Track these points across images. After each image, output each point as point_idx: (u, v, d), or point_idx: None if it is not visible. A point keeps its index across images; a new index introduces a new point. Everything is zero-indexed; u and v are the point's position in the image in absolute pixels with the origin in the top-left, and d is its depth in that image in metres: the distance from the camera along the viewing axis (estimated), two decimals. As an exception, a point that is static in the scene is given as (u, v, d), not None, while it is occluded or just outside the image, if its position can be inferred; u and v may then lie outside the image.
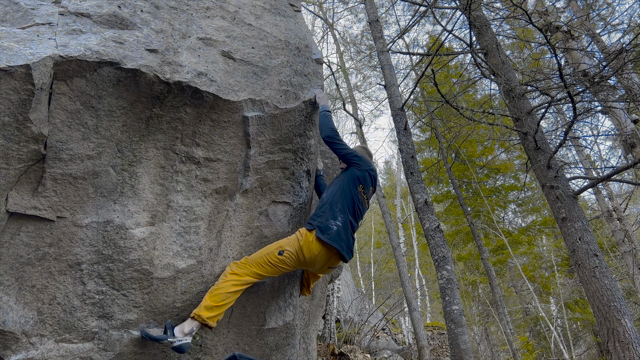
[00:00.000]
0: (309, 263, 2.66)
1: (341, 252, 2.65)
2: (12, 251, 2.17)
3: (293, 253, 2.61)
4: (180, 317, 2.60)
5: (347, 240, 2.70)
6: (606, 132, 9.26)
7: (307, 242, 2.61)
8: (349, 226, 2.75)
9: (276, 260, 2.60)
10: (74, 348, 2.29)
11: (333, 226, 2.66)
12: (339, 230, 2.67)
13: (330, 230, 2.64)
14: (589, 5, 7.93)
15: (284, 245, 2.65)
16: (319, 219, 2.70)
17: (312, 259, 2.63)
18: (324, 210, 2.75)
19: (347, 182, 2.88)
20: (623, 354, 3.96)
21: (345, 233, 2.70)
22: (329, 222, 2.68)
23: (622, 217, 9.42)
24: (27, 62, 1.95)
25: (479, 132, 11.01)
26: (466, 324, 4.80)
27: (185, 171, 2.59)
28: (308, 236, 2.63)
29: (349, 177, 2.91)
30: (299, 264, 2.67)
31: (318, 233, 2.62)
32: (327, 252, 2.64)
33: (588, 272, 4.40)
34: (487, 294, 12.80)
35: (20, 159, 2.08)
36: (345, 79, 12.22)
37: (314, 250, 2.60)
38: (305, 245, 2.61)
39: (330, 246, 2.62)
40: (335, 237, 2.63)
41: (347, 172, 2.96)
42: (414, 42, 15.97)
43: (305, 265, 2.71)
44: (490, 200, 11.76)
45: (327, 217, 2.70)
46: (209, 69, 2.56)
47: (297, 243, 2.64)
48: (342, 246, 2.65)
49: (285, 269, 2.65)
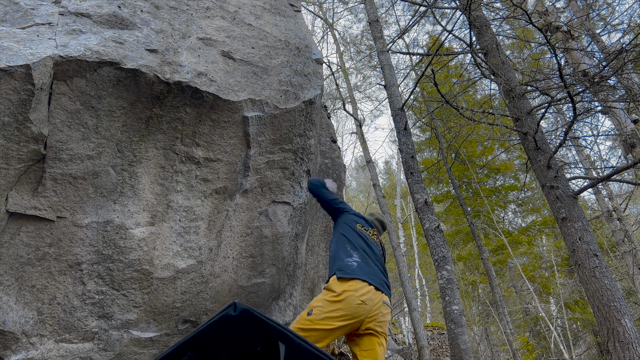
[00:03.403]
0: (352, 313, 2.24)
1: (373, 284, 2.32)
2: (12, 251, 2.17)
3: (325, 307, 2.24)
4: (181, 317, 2.60)
5: (375, 273, 2.41)
6: (606, 132, 9.26)
7: (331, 287, 2.31)
8: (370, 260, 2.47)
9: (308, 322, 2.21)
10: (74, 348, 2.29)
11: (352, 263, 2.40)
12: (360, 264, 2.40)
13: (351, 266, 2.37)
14: (589, 5, 7.92)
15: (312, 304, 2.31)
16: (335, 266, 2.43)
17: (347, 304, 2.24)
18: (336, 258, 2.48)
19: (344, 227, 2.67)
20: (623, 354, 3.96)
21: (368, 266, 2.41)
22: (345, 260, 2.42)
23: (622, 217, 9.41)
24: (27, 62, 1.95)
25: (479, 132, 11.01)
26: (466, 324, 4.80)
27: (185, 171, 2.59)
28: (332, 284, 2.33)
29: (343, 222, 2.72)
30: (345, 318, 2.24)
31: (339, 274, 2.34)
32: (357, 290, 2.27)
33: (588, 272, 4.39)
34: (487, 294, 12.80)
35: (20, 159, 2.08)
36: (345, 79, 12.21)
37: (342, 289, 2.27)
38: (332, 292, 2.29)
39: (356, 280, 2.30)
40: (356, 270, 2.35)
41: (337, 221, 2.78)
42: (414, 42, 15.98)
43: (352, 317, 2.26)
44: (490, 200, 11.76)
45: (342, 258, 2.44)
46: (209, 69, 2.56)
47: (325, 295, 2.30)
48: (373, 279, 2.35)
49: (333, 326, 2.21)
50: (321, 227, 4.27)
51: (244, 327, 0.70)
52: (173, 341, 2.61)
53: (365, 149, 10.80)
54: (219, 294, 2.74)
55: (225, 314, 0.70)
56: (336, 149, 4.51)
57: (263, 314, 0.72)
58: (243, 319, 0.70)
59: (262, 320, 0.70)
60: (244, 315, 0.70)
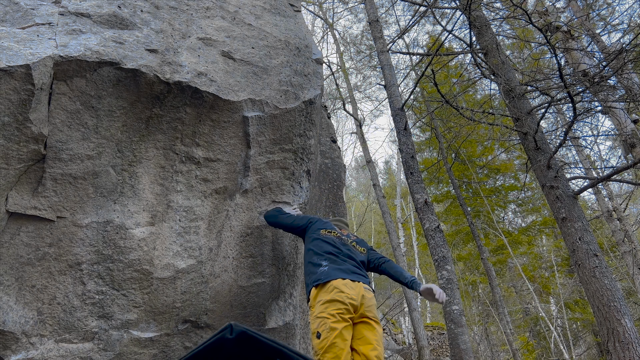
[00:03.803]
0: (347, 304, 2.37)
1: (347, 278, 2.44)
2: (12, 251, 2.17)
3: (324, 318, 2.32)
4: (181, 317, 2.60)
5: (345, 268, 2.53)
6: (606, 132, 9.26)
7: (318, 298, 2.42)
8: (338, 259, 2.59)
9: (324, 341, 2.25)
10: (74, 348, 2.29)
11: (323, 269, 2.51)
12: (330, 266, 2.51)
13: (323, 272, 2.49)
14: (589, 5, 7.92)
15: (312, 328, 2.36)
16: (309, 280, 2.56)
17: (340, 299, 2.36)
18: (309, 273, 2.59)
19: (310, 241, 2.74)
20: (623, 354, 3.96)
21: (337, 264, 2.53)
22: (317, 271, 2.53)
23: (622, 217, 9.41)
24: (27, 62, 1.95)
25: (479, 132, 11.01)
26: (466, 324, 4.80)
27: (185, 171, 2.59)
28: (315, 295, 2.44)
29: (309, 237, 2.77)
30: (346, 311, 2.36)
31: (316, 284, 2.47)
32: (339, 287, 2.40)
33: (588, 272, 4.40)
34: (487, 294, 12.80)
35: (20, 159, 2.08)
36: (345, 79, 12.21)
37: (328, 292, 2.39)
38: (321, 299, 2.39)
39: (332, 281, 2.42)
40: (330, 273, 2.46)
41: (305, 238, 2.83)
42: (414, 42, 15.98)
43: (349, 308, 2.38)
44: (490, 200, 11.76)
45: (314, 271, 2.55)
46: (209, 69, 2.56)
47: (317, 310, 2.40)
48: (346, 273, 2.48)
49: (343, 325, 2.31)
50: (321, 227, 4.26)
51: (241, 350, 0.66)
52: (173, 341, 2.61)
53: (365, 149, 10.80)
54: (219, 294, 2.74)
55: (221, 337, 0.66)
56: (336, 149, 4.51)
57: (260, 334, 0.67)
58: (240, 342, 0.66)
59: (260, 340, 0.67)
60: (241, 337, 0.66)
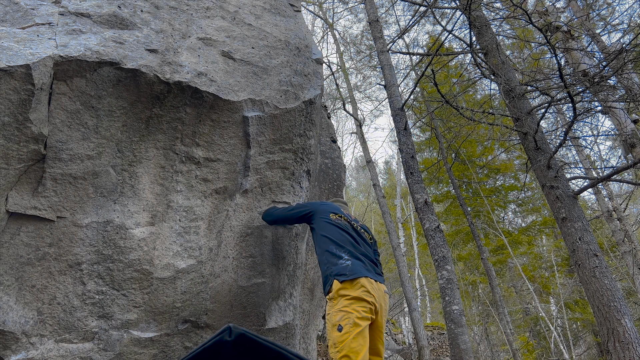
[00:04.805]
0: (372, 305, 2.39)
1: (372, 277, 2.46)
2: (12, 251, 2.17)
3: (349, 312, 2.31)
4: (181, 317, 2.60)
5: (368, 266, 2.53)
6: (606, 132, 9.26)
7: (341, 292, 2.39)
8: (357, 251, 2.59)
9: (346, 335, 2.24)
10: (74, 348, 2.29)
11: (346, 263, 2.49)
12: (353, 262, 2.51)
13: (347, 267, 2.47)
14: (589, 5, 7.92)
15: (333, 320, 2.34)
16: (329, 271, 2.52)
17: (365, 299, 2.37)
18: (328, 263, 2.55)
19: (321, 225, 2.70)
20: (623, 354, 3.96)
21: (359, 260, 2.53)
22: (339, 264, 2.50)
23: (622, 217, 9.41)
24: (27, 62, 1.95)
25: (479, 132, 11.01)
26: (466, 324, 4.80)
27: (185, 171, 2.59)
28: (339, 289, 2.40)
29: (318, 220, 2.74)
30: (370, 311, 2.38)
31: (341, 279, 2.43)
32: (365, 286, 2.40)
33: (588, 272, 4.39)
34: (487, 294, 12.80)
35: (20, 159, 2.08)
36: (345, 79, 12.21)
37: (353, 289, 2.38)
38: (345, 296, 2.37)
39: (359, 278, 2.41)
40: (355, 269, 2.45)
41: (313, 222, 2.79)
42: (414, 42, 15.98)
43: (373, 309, 2.41)
44: (490, 200, 11.75)
45: (334, 262, 2.52)
46: (209, 69, 2.56)
47: (339, 304, 2.37)
48: (369, 272, 2.48)
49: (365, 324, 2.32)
50: (321, 227, 4.26)
51: (240, 352, 0.65)
52: (173, 341, 2.61)
53: (365, 149, 10.80)
54: (219, 294, 2.74)
55: (219, 339, 0.65)
56: (336, 149, 4.51)
57: (259, 336, 0.66)
58: (239, 344, 0.64)
59: (258, 343, 0.65)
60: (239, 339, 0.64)
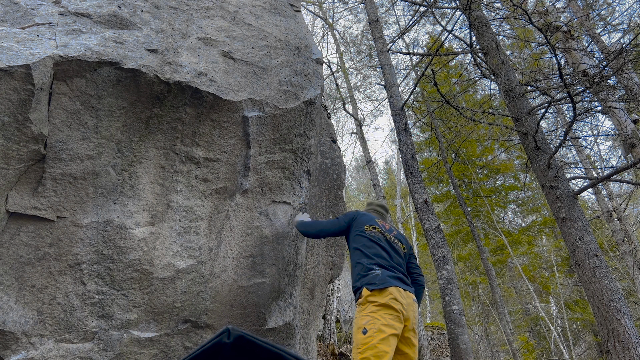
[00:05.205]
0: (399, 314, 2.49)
1: (400, 287, 2.57)
2: (12, 251, 2.17)
3: (376, 317, 2.42)
4: (181, 317, 2.60)
5: (397, 276, 2.64)
6: (606, 132, 9.26)
7: (369, 299, 2.51)
8: (387, 262, 2.70)
9: (370, 338, 2.33)
10: (74, 348, 2.29)
11: (376, 273, 2.61)
12: (383, 272, 2.62)
13: (377, 277, 2.58)
14: (589, 5, 7.93)
15: (360, 324, 2.44)
16: (360, 282, 2.64)
17: (393, 307, 2.47)
18: (360, 274, 2.68)
19: (355, 239, 2.84)
20: (623, 354, 3.96)
21: (389, 271, 2.64)
22: (370, 274, 2.61)
23: (622, 217, 9.41)
24: (27, 62, 1.95)
25: (479, 132, 11.01)
26: (466, 324, 4.80)
27: (185, 171, 2.59)
28: (368, 297, 2.53)
29: (354, 233, 2.88)
30: (397, 319, 2.47)
31: (370, 287, 2.54)
32: (393, 293, 2.52)
33: (588, 272, 4.39)
34: (487, 294, 12.80)
35: (20, 159, 2.08)
36: (345, 79, 12.21)
37: (382, 297, 2.49)
38: (373, 302, 2.49)
39: (389, 288, 2.52)
40: (384, 279, 2.56)
41: (349, 236, 2.94)
42: (414, 42, 15.98)
43: (401, 318, 2.51)
44: (490, 200, 11.75)
45: (365, 273, 2.64)
46: (209, 69, 2.56)
47: (366, 309, 2.49)
48: (398, 281, 2.60)
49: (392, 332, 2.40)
50: (321, 227, 4.26)
51: (239, 355, 0.64)
52: (173, 341, 2.61)
53: (365, 149, 10.80)
54: (219, 294, 2.74)
55: (218, 341, 0.64)
56: (336, 149, 4.51)
57: (258, 338, 0.65)
58: (238, 346, 0.63)
59: (258, 345, 0.64)
60: (238, 341, 0.63)
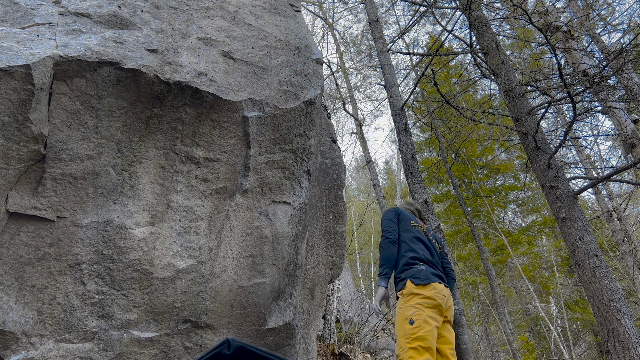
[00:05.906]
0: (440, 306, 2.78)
1: (442, 282, 2.88)
2: (12, 251, 2.17)
3: (422, 308, 2.70)
4: (181, 317, 2.60)
5: (437, 272, 2.94)
6: (606, 132, 9.26)
7: (415, 291, 2.78)
8: (429, 258, 3.01)
9: (417, 329, 2.62)
10: (74, 348, 2.29)
11: (420, 268, 2.90)
12: (427, 267, 2.92)
13: (421, 272, 2.87)
14: (589, 5, 7.93)
15: (405, 314, 2.71)
16: (405, 274, 2.92)
17: (436, 299, 2.76)
18: (405, 264, 2.97)
19: (404, 233, 3.15)
20: (623, 354, 3.96)
21: (431, 267, 2.95)
22: (414, 268, 2.91)
23: (622, 217, 9.42)
24: (27, 62, 1.95)
25: (479, 132, 11.01)
26: (466, 324, 4.80)
27: (185, 171, 2.59)
28: (412, 289, 2.80)
29: (403, 229, 3.18)
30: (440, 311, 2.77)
31: (416, 281, 2.83)
32: (436, 287, 2.81)
33: (588, 272, 4.39)
34: (487, 294, 12.80)
35: (20, 159, 2.08)
36: (345, 79, 12.21)
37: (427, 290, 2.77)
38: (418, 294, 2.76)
39: (432, 283, 2.81)
40: (428, 275, 2.85)
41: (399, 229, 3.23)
42: (414, 42, 15.95)
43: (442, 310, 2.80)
44: (490, 200, 11.75)
45: (410, 265, 2.94)
46: (209, 69, 2.56)
47: (412, 301, 2.76)
48: (440, 277, 2.91)
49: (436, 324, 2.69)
50: (321, 227, 4.27)
51: None
52: (173, 341, 2.61)
53: (365, 149, 10.80)
54: (219, 294, 2.74)
55: (218, 352, 0.63)
56: (336, 149, 4.51)
57: (259, 348, 0.64)
58: (238, 357, 0.63)
59: (258, 355, 0.64)
60: (238, 352, 0.63)
